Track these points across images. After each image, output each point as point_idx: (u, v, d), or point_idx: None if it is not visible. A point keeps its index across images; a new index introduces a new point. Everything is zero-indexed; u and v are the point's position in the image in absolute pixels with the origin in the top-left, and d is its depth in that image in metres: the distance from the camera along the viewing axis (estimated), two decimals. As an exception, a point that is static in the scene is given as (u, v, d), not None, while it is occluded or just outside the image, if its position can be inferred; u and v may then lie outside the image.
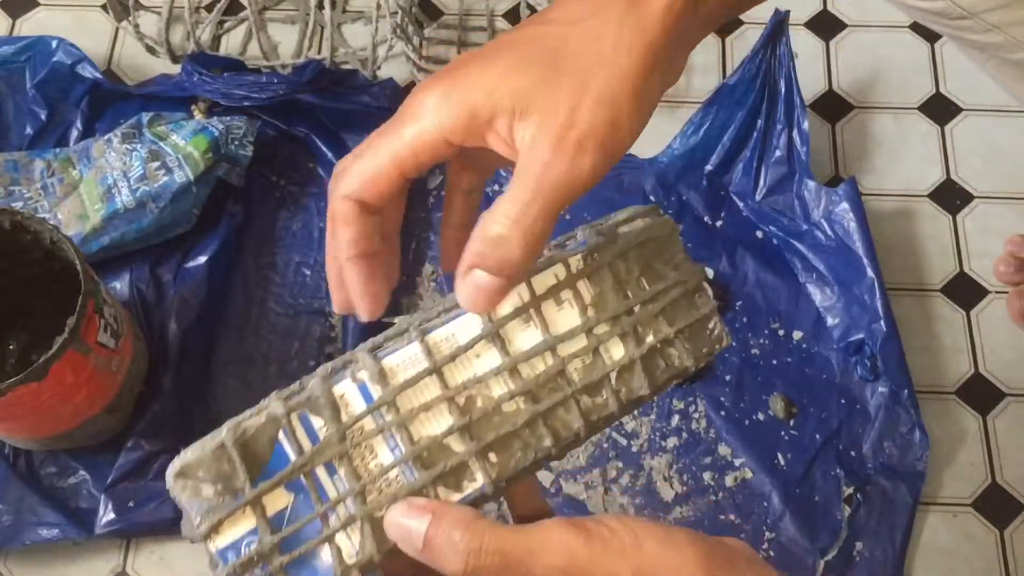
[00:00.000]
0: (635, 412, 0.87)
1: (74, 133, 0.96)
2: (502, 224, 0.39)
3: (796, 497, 0.85)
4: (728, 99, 0.94)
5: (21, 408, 0.73)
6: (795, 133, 0.93)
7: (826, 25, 1.07)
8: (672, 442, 0.87)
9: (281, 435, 0.40)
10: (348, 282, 0.43)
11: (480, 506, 0.42)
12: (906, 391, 0.86)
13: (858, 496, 0.84)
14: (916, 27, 1.07)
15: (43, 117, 0.96)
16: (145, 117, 0.92)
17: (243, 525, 0.39)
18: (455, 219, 0.47)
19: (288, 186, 0.97)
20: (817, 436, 0.87)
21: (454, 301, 0.42)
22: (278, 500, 0.39)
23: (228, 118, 0.92)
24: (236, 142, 0.91)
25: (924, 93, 1.04)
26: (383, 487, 0.40)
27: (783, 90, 0.93)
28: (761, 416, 0.88)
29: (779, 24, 0.92)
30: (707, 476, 0.85)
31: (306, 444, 0.40)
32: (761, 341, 0.91)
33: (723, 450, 0.86)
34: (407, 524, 0.39)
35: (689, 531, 0.39)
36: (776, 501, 0.84)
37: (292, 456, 0.39)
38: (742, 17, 1.07)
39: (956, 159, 1.00)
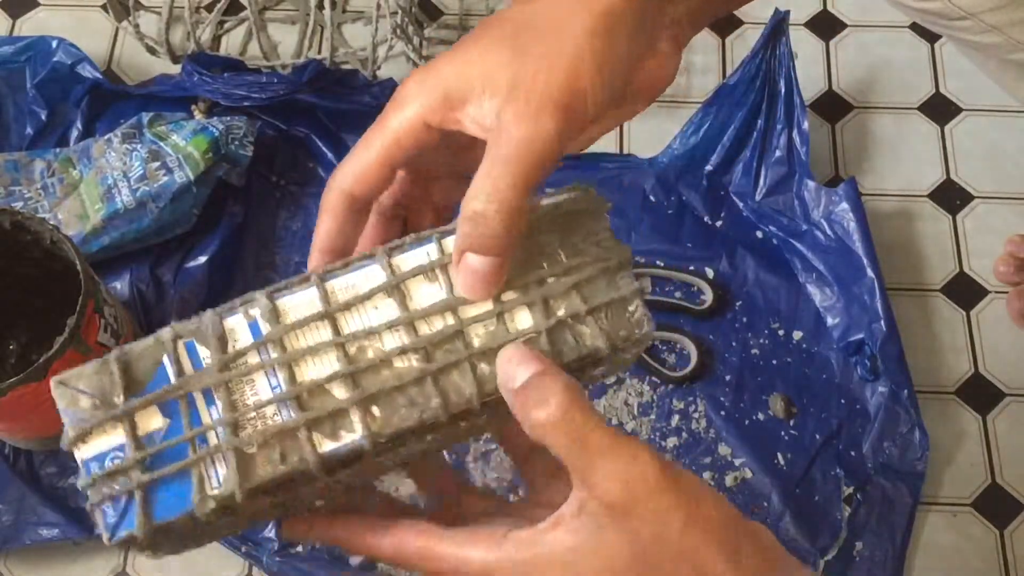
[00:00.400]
0: (635, 412, 0.87)
1: (74, 133, 0.96)
2: (479, 200, 0.39)
3: (796, 497, 0.85)
4: (728, 99, 0.94)
5: (21, 408, 0.73)
6: (795, 133, 0.93)
7: (826, 25, 1.07)
8: (672, 442, 0.87)
9: (165, 359, 0.40)
10: (308, 269, 0.44)
11: (357, 463, 0.40)
12: (906, 391, 0.86)
13: (858, 496, 0.84)
14: (916, 27, 1.06)
15: (43, 117, 0.96)
16: (145, 117, 0.92)
17: (112, 439, 0.39)
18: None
19: (288, 186, 0.97)
20: (817, 436, 0.87)
21: (361, 255, 0.42)
22: (152, 421, 0.39)
23: (228, 118, 0.92)
24: (236, 142, 0.91)
25: (924, 93, 1.04)
26: (257, 424, 0.39)
27: (783, 90, 0.93)
28: (761, 416, 0.88)
29: (779, 24, 0.92)
30: (707, 476, 0.85)
31: (188, 370, 0.40)
32: (761, 341, 0.91)
33: (723, 450, 0.86)
34: (523, 358, 0.39)
35: (735, 518, 0.39)
36: (776, 501, 0.84)
37: (172, 379, 0.40)
38: (742, 17, 1.07)
39: (956, 159, 1.00)
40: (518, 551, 0.38)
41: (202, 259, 0.91)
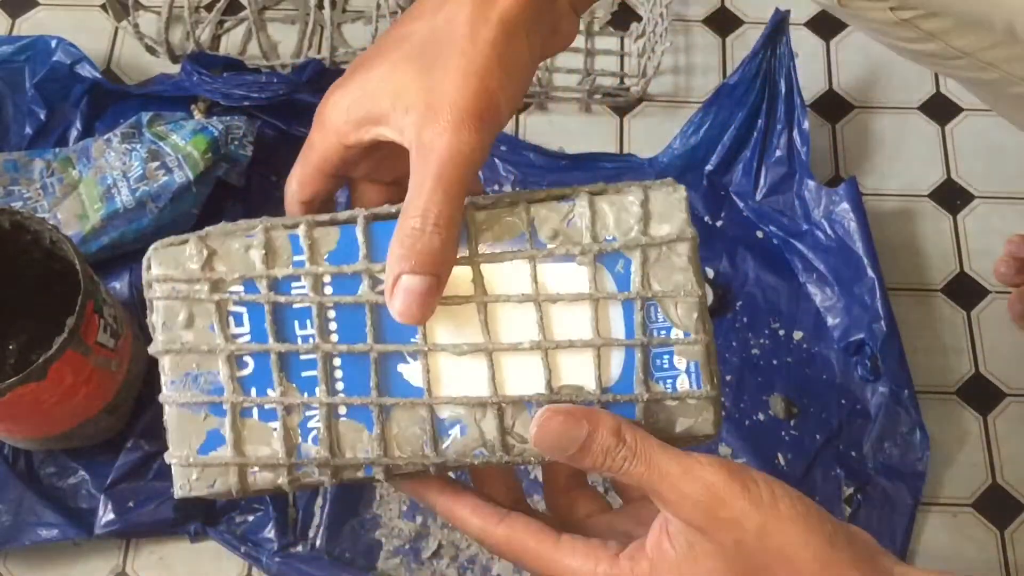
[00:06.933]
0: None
1: (74, 133, 0.96)
2: (415, 218, 0.41)
3: (796, 497, 0.84)
4: (728, 99, 0.94)
5: (21, 408, 0.72)
6: (795, 133, 0.93)
7: (826, 25, 1.07)
8: (672, 442, 0.86)
9: None
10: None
11: None
12: (906, 391, 0.86)
13: (858, 496, 0.84)
14: (916, 27, 1.06)
15: (42, 117, 0.96)
16: (145, 117, 0.92)
17: None
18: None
19: (288, 186, 0.97)
20: (817, 436, 0.87)
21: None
22: None
23: (228, 118, 0.92)
24: (236, 142, 0.91)
25: (924, 93, 1.04)
26: None
27: (783, 90, 0.93)
28: (761, 416, 0.88)
29: (779, 24, 0.92)
30: (707, 476, 0.85)
31: None
32: (761, 341, 0.90)
33: (723, 450, 0.86)
34: (566, 431, 0.41)
35: (820, 512, 0.40)
36: (776, 501, 0.84)
37: None
38: (742, 17, 1.07)
39: (956, 159, 1.00)
40: (632, 571, 0.41)
41: (202, 259, 0.91)
